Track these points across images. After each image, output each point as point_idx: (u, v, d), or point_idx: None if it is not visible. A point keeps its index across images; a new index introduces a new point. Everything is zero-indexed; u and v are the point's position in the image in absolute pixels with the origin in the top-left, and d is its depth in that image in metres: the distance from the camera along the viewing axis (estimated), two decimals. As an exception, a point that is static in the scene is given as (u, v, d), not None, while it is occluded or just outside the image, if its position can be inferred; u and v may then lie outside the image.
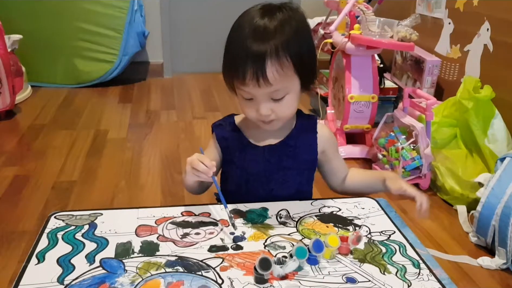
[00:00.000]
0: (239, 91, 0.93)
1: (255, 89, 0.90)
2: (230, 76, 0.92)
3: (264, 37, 0.87)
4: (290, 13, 0.92)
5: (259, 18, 0.89)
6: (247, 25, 0.89)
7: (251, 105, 0.93)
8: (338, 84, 2.34)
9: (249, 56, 0.87)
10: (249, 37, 0.88)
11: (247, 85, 0.89)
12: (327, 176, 1.11)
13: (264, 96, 0.91)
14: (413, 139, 1.87)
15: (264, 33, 0.88)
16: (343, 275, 0.78)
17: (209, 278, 0.75)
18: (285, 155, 1.02)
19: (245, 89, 0.91)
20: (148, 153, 2.25)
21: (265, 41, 0.87)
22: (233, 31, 0.93)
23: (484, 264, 1.47)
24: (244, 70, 0.87)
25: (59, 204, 1.76)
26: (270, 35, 0.87)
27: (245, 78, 0.88)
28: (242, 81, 0.89)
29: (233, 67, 0.90)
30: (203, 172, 0.89)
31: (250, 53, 0.87)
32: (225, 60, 0.94)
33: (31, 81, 3.11)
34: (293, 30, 0.90)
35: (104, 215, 0.93)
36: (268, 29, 0.88)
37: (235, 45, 0.91)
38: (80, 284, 0.73)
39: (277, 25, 0.89)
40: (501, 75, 1.96)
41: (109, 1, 3.06)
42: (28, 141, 2.34)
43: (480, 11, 2.11)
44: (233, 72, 0.90)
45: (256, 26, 0.88)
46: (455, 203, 1.80)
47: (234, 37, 0.91)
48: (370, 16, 2.05)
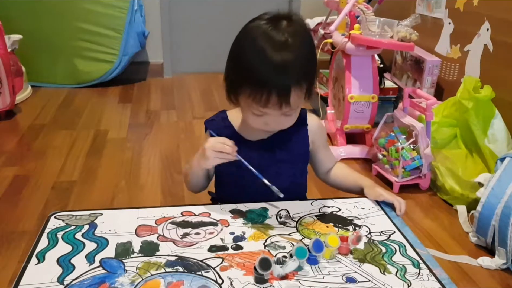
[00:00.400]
0: (251, 109, 0.94)
1: (273, 112, 0.93)
2: (245, 96, 0.93)
3: (287, 70, 0.89)
4: (301, 30, 0.93)
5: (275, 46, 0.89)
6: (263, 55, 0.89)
7: (260, 119, 0.96)
8: (338, 84, 2.34)
9: (274, 88, 0.89)
10: (271, 70, 0.89)
11: (268, 108, 0.92)
12: (313, 165, 1.15)
13: (278, 114, 0.94)
14: (413, 139, 1.87)
15: (286, 67, 0.89)
16: (343, 275, 0.78)
17: (209, 278, 0.75)
18: (278, 148, 1.04)
19: (262, 110, 0.93)
20: (148, 153, 2.25)
21: (289, 74, 0.90)
22: (245, 54, 0.92)
23: (484, 264, 1.47)
24: (269, 99, 0.90)
25: (59, 204, 1.76)
26: (291, 67, 0.89)
27: (268, 104, 0.91)
28: (262, 105, 0.91)
29: (253, 94, 0.90)
30: (229, 152, 0.93)
31: (274, 86, 0.89)
32: (235, 79, 0.95)
33: (31, 81, 3.10)
34: (308, 55, 0.94)
35: (104, 215, 0.93)
36: (289, 61, 0.89)
37: (253, 75, 0.90)
38: (80, 284, 0.73)
39: (296, 52, 0.90)
40: (501, 75, 1.96)
41: (109, 1, 3.06)
42: (28, 141, 2.34)
43: (480, 11, 2.11)
44: (253, 96, 0.91)
45: (276, 59, 0.88)
46: (455, 203, 1.80)
47: (249, 65, 0.91)
48: (370, 16, 2.05)
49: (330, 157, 1.16)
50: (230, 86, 0.97)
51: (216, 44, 3.54)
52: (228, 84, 0.98)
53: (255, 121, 0.97)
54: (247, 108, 0.95)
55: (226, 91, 0.99)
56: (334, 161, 1.17)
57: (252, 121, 0.98)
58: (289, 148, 1.05)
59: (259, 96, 0.90)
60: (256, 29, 0.92)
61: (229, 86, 0.98)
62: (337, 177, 1.15)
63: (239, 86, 0.94)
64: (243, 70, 0.92)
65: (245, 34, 0.95)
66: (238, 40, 0.96)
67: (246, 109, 0.96)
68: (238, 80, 0.94)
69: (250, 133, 1.04)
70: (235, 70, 0.95)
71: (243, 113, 1.00)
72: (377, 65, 2.27)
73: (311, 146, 1.09)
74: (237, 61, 0.95)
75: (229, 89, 0.98)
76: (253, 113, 0.95)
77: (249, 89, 0.91)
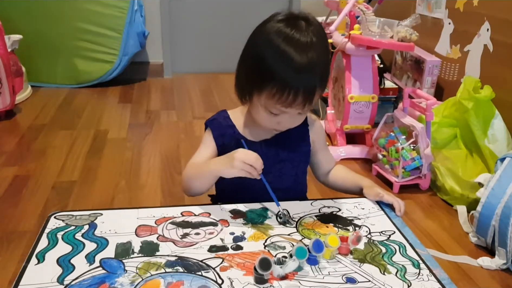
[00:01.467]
0: (271, 108, 0.95)
1: (295, 111, 0.94)
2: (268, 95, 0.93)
3: (313, 71, 0.91)
4: (319, 32, 0.94)
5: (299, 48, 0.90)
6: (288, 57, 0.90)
7: (275, 118, 0.97)
8: (338, 84, 2.34)
9: (301, 88, 0.90)
10: (298, 71, 0.90)
11: (291, 108, 0.93)
12: (312, 166, 1.15)
13: (295, 113, 0.96)
14: (413, 140, 1.87)
15: (312, 68, 0.91)
16: (343, 275, 0.78)
17: (209, 278, 0.75)
18: (281, 148, 1.04)
19: (285, 110, 0.94)
20: (148, 153, 2.25)
21: (315, 74, 0.92)
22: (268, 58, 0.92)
23: (484, 264, 1.47)
24: (295, 98, 0.91)
25: (59, 204, 1.76)
26: (316, 67, 0.92)
27: (293, 104, 0.92)
28: (287, 105, 0.92)
29: (279, 93, 0.91)
30: (257, 169, 0.92)
31: (302, 86, 0.90)
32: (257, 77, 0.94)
33: (31, 81, 3.10)
34: (328, 54, 0.96)
35: (104, 215, 0.93)
36: (314, 62, 0.91)
37: (279, 75, 0.90)
38: (80, 284, 0.73)
39: (319, 52, 0.92)
40: (501, 75, 1.96)
41: (109, 1, 3.06)
42: (28, 141, 2.34)
43: (480, 11, 2.11)
44: (278, 95, 0.91)
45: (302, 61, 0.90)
46: (455, 203, 1.80)
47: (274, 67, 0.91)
48: (370, 16, 2.05)
49: (330, 158, 1.16)
50: (247, 87, 0.98)
51: (216, 44, 3.55)
52: (244, 85, 0.99)
53: (268, 120, 0.97)
54: (265, 107, 0.95)
55: (240, 90, 1.00)
56: (334, 163, 1.17)
57: (265, 120, 0.98)
58: (291, 147, 1.05)
59: (286, 97, 0.91)
60: (276, 32, 0.92)
61: (246, 87, 0.98)
62: (336, 178, 1.15)
63: (261, 88, 0.94)
64: (267, 72, 0.92)
65: (264, 37, 0.94)
66: (256, 43, 0.96)
67: (263, 109, 0.96)
68: (260, 82, 0.93)
69: (253, 134, 1.04)
70: (256, 72, 0.95)
71: (255, 112, 0.99)
72: (377, 65, 2.27)
73: (311, 146, 1.09)
74: (259, 64, 0.94)
75: (245, 89, 0.99)
76: (271, 112, 0.95)
77: (275, 90, 0.91)
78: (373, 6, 2.26)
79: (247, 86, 0.98)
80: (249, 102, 1.00)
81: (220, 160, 0.98)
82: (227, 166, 0.94)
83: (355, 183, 1.10)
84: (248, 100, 0.99)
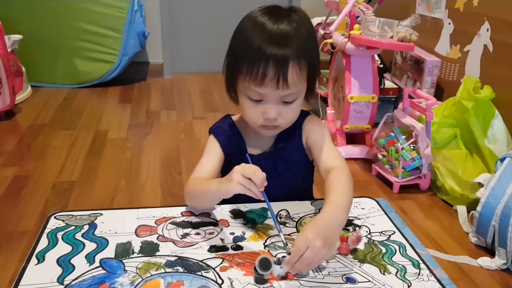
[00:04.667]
0: (248, 92, 0.90)
1: (271, 91, 0.88)
2: (242, 77, 0.89)
3: (285, 40, 0.87)
4: (302, 17, 0.92)
5: (274, 20, 0.88)
6: (262, 28, 0.88)
7: (258, 107, 0.91)
8: (338, 84, 2.34)
9: (271, 58, 0.86)
10: (269, 40, 0.86)
11: (265, 86, 0.87)
12: (315, 163, 1.04)
13: (276, 98, 0.90)
14: (413, 140, 1.87)
15: (285, 36, 0.87)
16: (343, 275, 0.78)
17: (209, 278, 0.75)
18: (278, 159, 1.02)
19: (259, 90, 0.89)
20: (148, 153, 2.25)
21: (287, 45, 0.87)
22: (244, 32, 0.90)
23: (484, 264, 1.47)
24: (265, 71, 0.86)
25: (59, 204, 1.76)
26: (290, 38, 0.87)
27: (264, 79, 0.86)
28: (259, 82, 0.87)
29: (250, 68, 0.87)
30: (257, 183, 0.81)
31: (272, 55, 0.86)
32: (233, 61, 0.92)
33: (31, 81, 3.11)
34: (308, 34, 0.91)
35: (104, 215, 0.93)
36: (288, 32, 0.87)
37: (251, 47, 0.88)
38: (80, 284, 0.73)
39: (296, 27, 0.88)
40: (501, 75, 1.96)
41: (109, 1, 3.06)
42: (28, 142, 2.34)
43: (480, 11, 2.11)
44: (249, 73, 0.87)
45: (274, 29, 0.87)
46: (455, 203, 1.80)
47: (247, 39, 0.89)
48: (370, 17, 2.05)
49: (329, 157, 0.99)
50: (229, 75, 0.94)
51: (216, 44, 3.53)
52: (227, 74, 0.95)
53: (253, 111, 0.92)
54: (244, 94, 0.92)
55: (226, 84, 0.96)
56: (334, 164, 0.96)
57: (250, 114, 0.93)
58: (286, 157, 1.02)
59: (256, 71, 0.86)
60: (255, 12, 0.91)
61: (228, 76, 0.94)
62: (326, 185, 0.93)
63: (237, 68, 0.90)
64: (240, 46, 0.90)
65: (245, 18, 0.93)
66: (238, 27, 0.94)
67: (244, 97, 0.92)
68: (236, 61, 0.91)
69: (255, 144, 1.02)
70: (234, 51, 0.93)
71: (241, 107, 0.96)
72: (377, 65, 2.27)
73: (312, 146, 1.03)
74: (235, 40, 0.92)
75: (228, 79, 0.95)
76: (250, 99, 0.91)
77: (246, 66, 0.88)
78: (373, 6, 2.26)
79: (229, 74, 0.94)
80: (236, 97, 0.96)
81: (221, 178, 0.91)
82: (225, 181, 0.85)
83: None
84: (233, 94, 0.96)
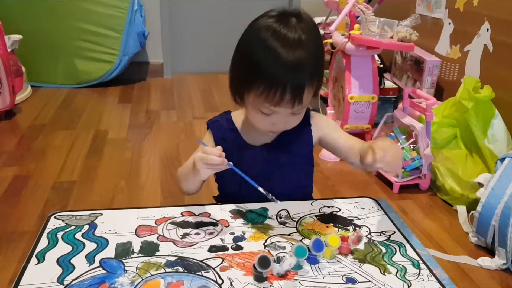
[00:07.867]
0: (262, 108, 0.92)
1: (285, 110, 0.91)
2: (256, 94, 0.91)
3: (301, 68, 0.89)
4: (311, 26, 0.92)
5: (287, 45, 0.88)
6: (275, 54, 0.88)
7: (268, 119, 0.94)
8: (338, 84, 2.34)
9: (288, 84, 0.88)
10: (285, 68, 0.88)
11: (280, 107, 0.90)
12: (344, 156, 1.06)
13: (288, 113, 0.93)
14: (413, 140, 1.87)
15: (300, 64, 0.89)
16: (343, 275, 0.78)
17: (209, 278, 0.75)
18: (282, 151, 1.02)
19: (274, 109, 0.91)
20: (148, 153, 2.25)
21: (303, 70, 0.89)
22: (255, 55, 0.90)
23: (484, 264, 1.47)
24: (282, 97, 0.88)
25: (59, 204, 1.76)
26: (304, 64, 0.89)
27: (280, 103, 0.89)
28: (275, 103, 0.89)
29: (266, 91, 0.89)
30: (219, 163, 0.89)
31: (289, 82, 0.88)
32: (243, 77, 0.93)
33: (31, 81, 3.11)
34: (317, 47, 0.93)
35: (104, 215, 0.93)
36: (302, 58, 0.89)
37: (266, 73, 0.89)
38: (80, 284, 0.73)
39: (309, 49, 0.89)
40: (501, 75, 1.96)
41: (109, 1, 3.06)
42: (28, 142, 2.34)
43: (480, 11, 2.11)
44: (265, 94, 0.89)
45: (290, 57, 0.88)
46: (455, 203, 1.80)
47: (261, 63, 0.89)
48: (370, 16, 2.05)
49: (353, 141, 1.03)
50: (237, 85, 0.96)
51: (216, 44, 3.55)
52: (234, 83, 0.96)
53: (262, 121, 0.95)
54: (256, 107, 0.93)
55: (232, 90, 0.97)
56: (360, 142, 1.01)
57: (258, 121, 0.96)
58: (292, 150, 1.03)
59: (273, 95, 0.88)
60: (265, 27, 0.91)
61: (236, 85, 0.96)
62: None
63: (249, 85, 0.92)
64: (254, 69, 0.90)
65: (253, 33, 0.93)
66: (246, 39, 0.94)
67: (254, 109, 0.94)
68: (248, 79, 0.92)
69: (254, 138, 1.03)
70: (245, 69, 0.93)
71: (248, 113, 0.98)
72: (377, 65, 2.27)
73: (325, 141, 1.05)
74: (247, 60, 0.92)
75: (235, 88, 0.96)
76: (262, 112, 0.93)
77: (262, 88, 0.89)
78: (373, 6, 2.26)
79: (237, 84, 0.96)
80: (242, 103, 0.97)
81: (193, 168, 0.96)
82: (195, 170, 0.93)
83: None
84: (240, 100, 0.97)
